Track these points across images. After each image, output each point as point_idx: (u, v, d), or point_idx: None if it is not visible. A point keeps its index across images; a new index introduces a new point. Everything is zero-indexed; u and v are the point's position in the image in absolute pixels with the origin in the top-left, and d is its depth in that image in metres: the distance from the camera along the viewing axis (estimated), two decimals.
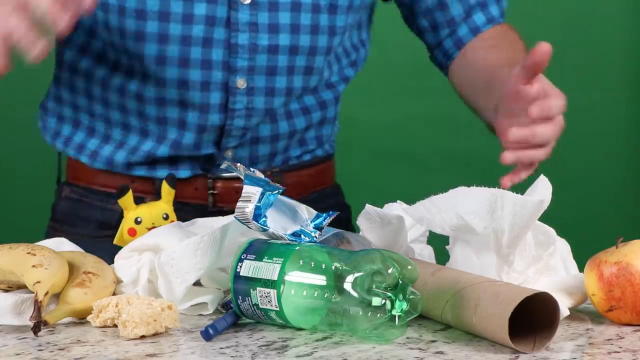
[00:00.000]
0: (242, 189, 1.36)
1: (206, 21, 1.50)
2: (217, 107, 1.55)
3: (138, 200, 1.37)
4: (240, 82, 1.53)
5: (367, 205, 1.31)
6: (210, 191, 1.60)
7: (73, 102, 1.64)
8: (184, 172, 1.59)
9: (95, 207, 1.63)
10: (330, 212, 1.24)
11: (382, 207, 1.36)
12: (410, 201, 1.32)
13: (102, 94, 1.60)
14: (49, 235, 1.67)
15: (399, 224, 1.30)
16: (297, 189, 1.63)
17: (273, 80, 1.55)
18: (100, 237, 1.58)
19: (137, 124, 1.59)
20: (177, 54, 1.51)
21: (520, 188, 1.22)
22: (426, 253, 1.41)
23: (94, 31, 1.56)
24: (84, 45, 1.60)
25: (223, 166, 1.27)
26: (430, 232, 1.40)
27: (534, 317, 1.09)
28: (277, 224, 1.21)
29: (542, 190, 1.20)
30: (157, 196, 1.41)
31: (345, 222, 1.70)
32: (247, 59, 1.53)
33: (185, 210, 1.54)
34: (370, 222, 1.31)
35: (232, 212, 1.19)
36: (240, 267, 1.17)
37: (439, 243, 1.48)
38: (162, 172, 1.58)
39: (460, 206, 1.21)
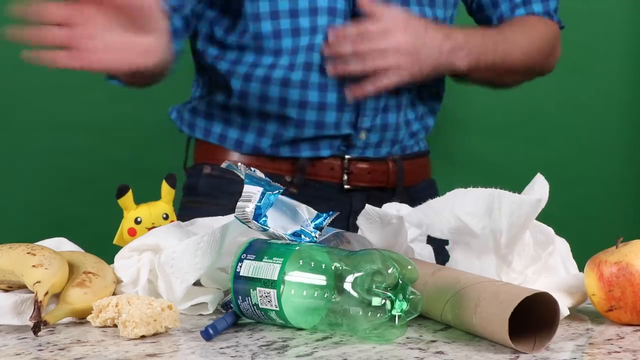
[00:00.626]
0: (374, 170, 1.72)
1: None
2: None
3: (278, 179, 1.39)
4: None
5: (367, 206, 1.32)
6: (346, 171, 1.76)
7: (208, 97, 1.80)
8: (324, 152, 1.75)
9: (238, 182, 1.72)
10: (331, 212, 1.24)
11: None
12: None
13: (242, 86, 1.74)
14: (186, 210, 1.81)
15: (398, 223, 1.30)
16: (412, 176, 1.82)
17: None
18: None
19: (276, 111, 1.73)
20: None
21: (518, 187, 1.22)
22: (426, 252, 1.41)
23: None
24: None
25: (223, 165, 1.27)
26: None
27: (534, 317, 1.09)
28: (277, 223, 1.21)
29: (539, 189, 1.20)
30: (300, 175, 1.66)
31: None
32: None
33: (320, 189, 1.74)
34: (370, 222, 1.31)
35: (364, 190, 1.25)
36: (240, 267, 1.17)
37: (439, 242, 1.48)
38: (305, 152, 1.75)
39: (457, 208, 1.21)
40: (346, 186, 1.76)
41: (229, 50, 1.76)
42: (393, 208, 1.38)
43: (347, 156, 1.76)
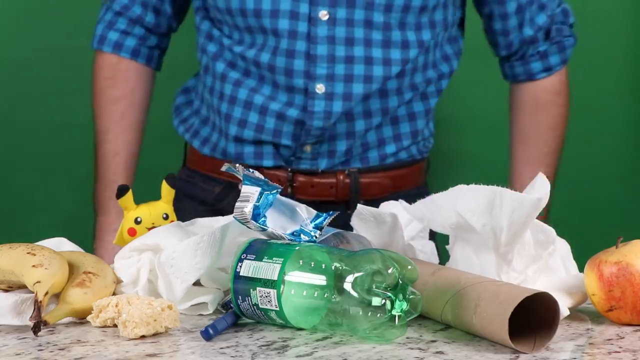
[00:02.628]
0: (318, 184, 1.71)
1: (289, 35, 1.69)
2: (299, 106, 1.71)
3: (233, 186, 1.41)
4: (320, 88, 1.69)
5: (359, 205, 1.32)
6: (290, 183, 1.75)
7: (201, 93, 1.83)
8: (267, 162, 1.74)
9: (200, 187, 1.83)
10: (331, 212, 1.24)
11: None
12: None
13: (209, 83, 1.78)
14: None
15: (393, 222, 1.30)
16: (374, 190, 1.77)
17: (350, 86, 1.70)
18: (199, 211, 1.72)
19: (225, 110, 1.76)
20: (267, 60, 1.71)
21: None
22: (428, 249, 1.40)
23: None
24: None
25: (223, 168, 1.27)
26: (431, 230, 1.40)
27: (533, 317, 1.09)
28: (277, 223, 1.21)
29: (540, 188, 1.20)
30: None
31: None
32: (326, 67, 1.69)
33: None
34: (364, 222, 1.31)
35: (308, 204, 1.24)
36: (240, 267, 1.17)
37: (439, 241, 1.48)
38: (249, 161, 1.75)
39: (459, 204, 1.21)
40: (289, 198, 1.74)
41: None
42: (393, 206, 1.38)
43: (290, 167, 1.75)
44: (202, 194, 1.82)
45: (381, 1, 1.68)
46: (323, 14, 1.68)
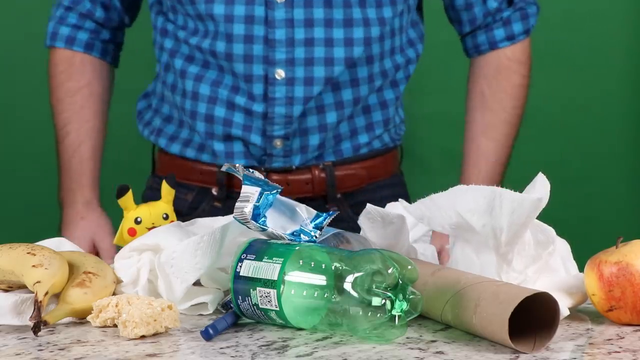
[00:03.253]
0: (293, 181, 1.68)
1: (245, 20, 1.66)
2: (260, 97, 1.69)
3: (205, 193, 1.39)
4: (280, 73, 1.67)
5: (368, 205, 1.31)
6: None
7: (161, 92, 1.82)
8: (238, 161, 1.73)
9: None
10: (331, 212, 1.24)
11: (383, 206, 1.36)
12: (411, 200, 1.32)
13: (171, 81, 1.76)
14: None
15: (400, 223, 1.30)
16: (350, 182, 1.76)
17: (311, 70, 1.67)
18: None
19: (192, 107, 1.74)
20: (223, 49, 1.68)
21: (518, 187, 1.22)
22: (429, 252, 1.40)
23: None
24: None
25: (223, 168, 1.27)
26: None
27: (533, 317, 1.09)
28: (277, 223, 1.21)
29: (540, 188, 1.20)
30: (221, 189, 1.66)
31: None
32: (285, 52, 1.66)
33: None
34: (372, 222, 1.31)
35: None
36: (240, 267, 1.17)
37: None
38: (221, 161, 1.73)
39: (459, 204, 1.21)
40: None
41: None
42: (395, 207, 1.38)
43: (264, 167, 1.73)
44: (175, 202, 1.79)
45: None
46: None
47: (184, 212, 1.74)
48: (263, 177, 1.23)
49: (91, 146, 1.82)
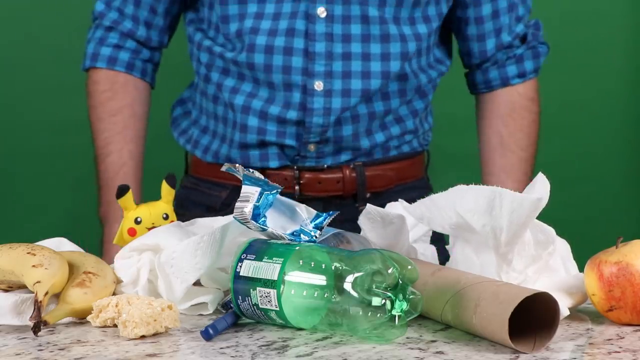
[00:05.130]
0: (324, 179, 1.74)
1: (287, 33, 1.71)
2: (297, 105, 1.72)
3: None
4: (319, 85, 1.71)
5: (368, 205, 1.31)
6: (297, 181, 1.75)
7: (199, 103, 1.85)
8: (272, 163, 1.75)
9: (207, 194, 1.84)
10: (330, 212, 1.24)
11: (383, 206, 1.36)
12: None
13: (211, 92, 1.80)
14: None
15: (400, 223, 1.30)
16: (379, 182, 1.79)
17: (349, 83, 1.72)
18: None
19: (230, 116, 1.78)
20: (262, 60, 1.72)
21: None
22: (429, 253, 1.40)
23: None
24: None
25: (223, 168, 1.27)
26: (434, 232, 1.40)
27: (533, 317, 1.09)
28: (277, 223, 1.21)
29: (540, 188, 1.20)
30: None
31: None
32: (324, 64, 1.71)
33: None
34: (372, 222, 1.31)
35: (317, 199, 1.24)
36: (240, 267, 1.17)
37: (439, 242, 1.48)
38: (255, 163, 1.76)
39: (459, 204, 1.21)
40: (298, 195, 1.74)
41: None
42: (395, 207, 1.38)
43: (296, 166, 1.76)
44: (209, 199, 1.82)
45: None
46: (321, 11, 1.69)
47: (218, 207, 1.79)
48: (263, 177, 1.23)
49: (134, 167, 1.83)
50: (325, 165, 1.76)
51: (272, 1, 1.71)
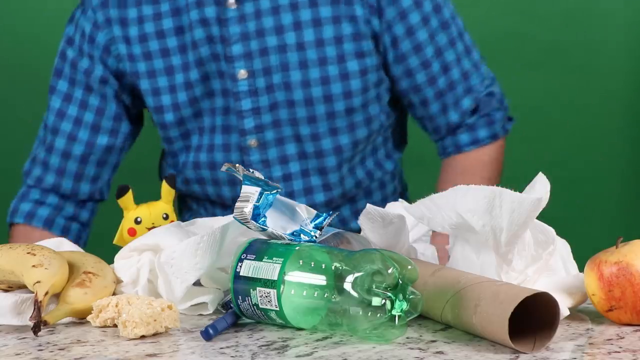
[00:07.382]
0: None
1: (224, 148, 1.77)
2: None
3: None
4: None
5: (369, 205, 1.31)
6: None
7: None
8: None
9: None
10: (330, 212, 1.24)
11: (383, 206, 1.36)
12: (411, 200, 1.32)
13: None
14: None
15: (400, 223, 1.30)
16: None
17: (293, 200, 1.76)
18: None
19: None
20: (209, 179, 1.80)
21: (518, 187, 1.22)
22: (429, 253, 1.40)
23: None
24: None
25: (222, 168, 1.27)
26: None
27: (534, 317, 1.09)
28: (277, 223, 1.21)
29: (540, 188, 1.20)
30: None
31: None
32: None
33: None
34: (372, 222, 1.31)
35: None
36: (240, 267, 1.17)
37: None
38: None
39: (459, 204, 1.21)
40: None
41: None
42: (395, 207, 1.38)
43: None
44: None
45: (303, 114, 1.73)
46: (253, 142, 1.75)
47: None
48: (263, 177, 1.23)
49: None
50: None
51: (206, 133, 1.75)
